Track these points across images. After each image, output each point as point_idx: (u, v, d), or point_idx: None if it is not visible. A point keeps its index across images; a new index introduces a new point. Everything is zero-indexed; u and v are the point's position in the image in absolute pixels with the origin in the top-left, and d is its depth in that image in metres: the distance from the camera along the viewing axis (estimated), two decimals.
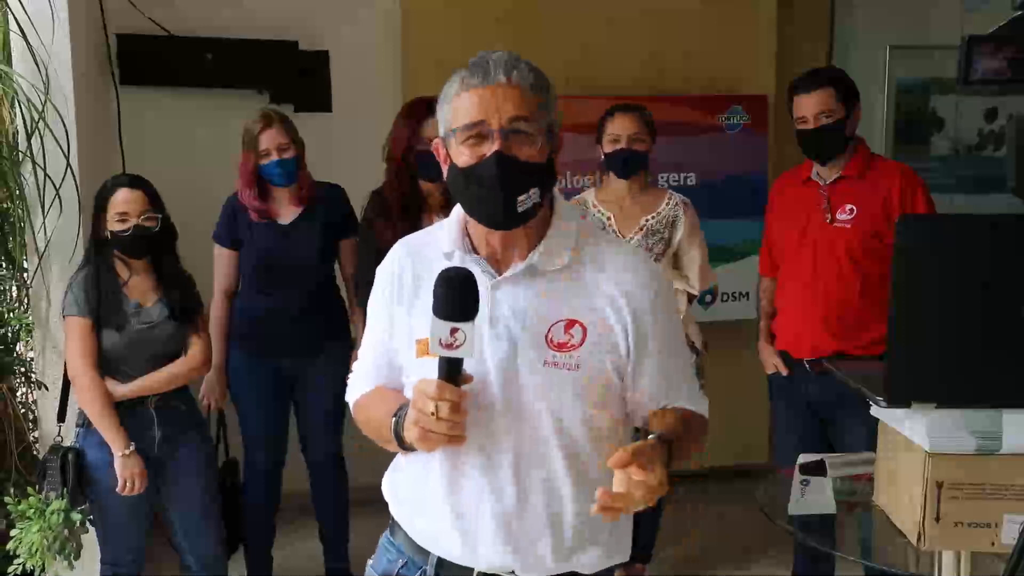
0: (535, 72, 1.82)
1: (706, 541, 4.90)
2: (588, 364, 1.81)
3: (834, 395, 3.34)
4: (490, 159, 1.75)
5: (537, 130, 1.79)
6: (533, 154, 1.78)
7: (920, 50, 5.88)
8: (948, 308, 2.15)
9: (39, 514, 3.28)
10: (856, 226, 3.53)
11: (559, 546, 1.88)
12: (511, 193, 1.76)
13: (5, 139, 3.75)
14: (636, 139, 3.86)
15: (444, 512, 1.86)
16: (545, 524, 1.86)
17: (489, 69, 1.77)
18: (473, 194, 1.80)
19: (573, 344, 1.81)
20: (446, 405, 1.64)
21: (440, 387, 1.65)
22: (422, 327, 1.77)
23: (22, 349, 4.05)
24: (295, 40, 5.04)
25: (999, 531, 2.17)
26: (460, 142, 1.79)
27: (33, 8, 3.70)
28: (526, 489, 1.84)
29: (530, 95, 1.78)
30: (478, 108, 1.76)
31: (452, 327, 1.62)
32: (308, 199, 3.99)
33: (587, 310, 1.83)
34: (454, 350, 1.63)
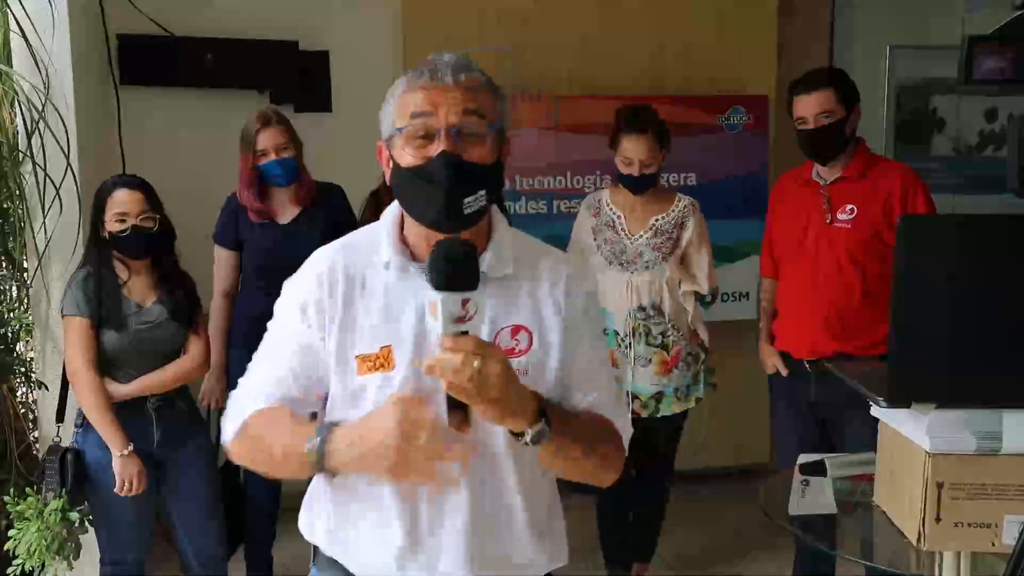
0: (484, 75, 1.78)
1: (707, 541, 4.90)
2: (535, 370, 1.80)
3: (835, 395, 3.33)
4: (437, 158, 1.69)
5: (486, 129, 1.74)
6: (482, 155, 1.73)
7: (921, 50, 5.88)
8: (949, 308, 2.15)
9: (38, 514, 3.28)
10: (856, 226, 3.53)
11: (518, 554, 1.87)
12: (458, 194, 1.70)
13: (5, 139, 3.77)
14: (648, 164, 3.86)
15: (396, 537, 1.81)
16: (502, 534, 1.85)
17: (438, 69, 1.72)
18: (418, 195, 1.74)
19: (520, 350, 1.79)
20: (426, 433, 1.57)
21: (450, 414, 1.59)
22: (363, 341, 1.75)
23: (22, 349, 4.07)
24: (295, 40, 5.05)
25: (1000, 531, 2.16)
26: (405, 141, 1.73)
27: (33, 8, 3.73)
28: (482, 501, 1.81)
29: (480, 94, 1.74)
30: (425, 106, 1.71)
31: (463, 298, 1.53)
32: (307, 199, 3.98)
33: (531, 316, 1.82)
34: (467, 323, 1.54)
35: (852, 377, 2.58)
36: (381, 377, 1.75)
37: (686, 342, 3.98)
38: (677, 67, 5.38)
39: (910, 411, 2.23)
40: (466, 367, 1.51)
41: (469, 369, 1.51)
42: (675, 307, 3.95)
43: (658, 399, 3.95)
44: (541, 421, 1.64)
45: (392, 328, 1.76)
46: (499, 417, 1.60)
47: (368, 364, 1.75)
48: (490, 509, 1.83)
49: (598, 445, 1.84)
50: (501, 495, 1.84)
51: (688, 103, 5.28)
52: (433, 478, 1.61)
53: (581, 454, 1.78)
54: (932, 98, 6.09)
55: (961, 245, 2.17)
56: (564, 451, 1.73)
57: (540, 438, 1.65)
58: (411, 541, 1.80)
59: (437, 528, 1.80)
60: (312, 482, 1.96)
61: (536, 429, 1.64)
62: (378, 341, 1.76)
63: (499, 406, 1.57)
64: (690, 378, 4.00)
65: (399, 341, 1.75)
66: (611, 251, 3.96)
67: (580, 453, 1.78)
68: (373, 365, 1.75)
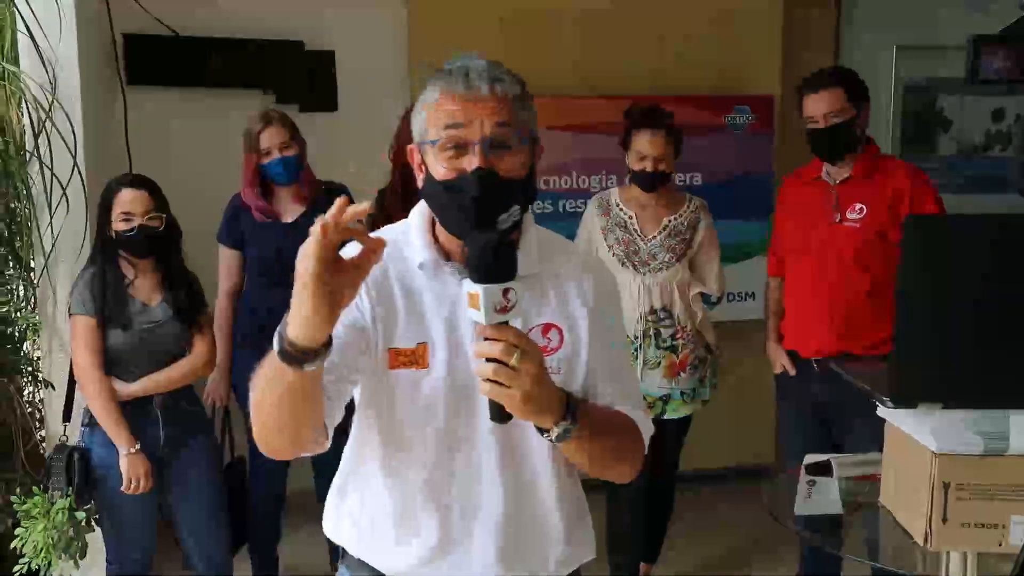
0: (518, 81, 1.75)
1: (712, 541, 4.90)
2: (566, 367, 1.81)
3: (841, 395, 3.32)
4: (471, 176, 1.67)
5: (519, 142, 1.72)
6: (515, 168, 1.71)
7: (927, 50, 5.88)
8: (955, 309, 2.16)
9: (44, 513, 3.28)
10: (865, 226, 3.53)
11: (551, 550, 1.89)
12: (493, 211, 1.69)
13: (12, 139, 3.78)
14: (662, 160, 3.87)
15: (429, 536, 1.82)
16: (535, 530, 1.87)
17: (471, 78, 1.69)
18: (452, 209, 1.73)
19: (553, 347, 1.80)
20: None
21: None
22: (398, 336, 1.75)
23: (29, 348, 4.07)
24: (301, 40, 5.06)
25: (1006, 532, 2.17)
26: (439, 152, 1.71)
27: (40, 9, 3.73)
28: (514, 493, 1.83)
29: (513, 106, 1.71)
30: (459, 117, 1.68)
31: (505, 288, 1.52)
32: (311, 198, 3.99)
33: (560, 313, 1.82)
34: (508, 312, 1.52)
35: (858, 377, 2.60)
36: (415, 373, 1.75)
37: (694, 345, 3.97)
38: (682, 67, 5.37)
39: (916, 411, 2.24)
40: (506, 357, 1.50)
41: (509, 359, 1.50)
42: (685, 310, 3.95)
43: (665, 401, 3.95)
44: (568, 419, 1.63)
45: (427, 326, 1.77)
46: (529, 412, 1.58)
47: (402, 359, 1.75)
48: (523, 505, 1.84)
49: (620, 441, 1.84)
50: (534, 491, 1.85)
51: (693, 103, 5.26)
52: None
53: (603, 450, 1.78)
54: (938, 98, 6.10)
55: (967, 245, 2.17)
56: (587, 448, 1.73)
57: (566, 435, 1.64)
58: (443, 539, 1.82)
59: (470, 525, 1.82)
60: (336, 483, 1.97)
61: (562, 427, 1.63)
62: (414, 337, 1.76)
63: (532, 401, 1.56)
64: (697, 381, 4.01)
65: (434, 339, 1.76)
66: (624, 252, 3.95)
67: (602, 449, 1.78)
68: (407, 361, 1.75)
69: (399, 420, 1.79)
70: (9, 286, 3.98)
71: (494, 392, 1.54)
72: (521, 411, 1.57)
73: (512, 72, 1.75)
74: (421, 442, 1.79)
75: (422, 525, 1.82)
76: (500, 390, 1.53)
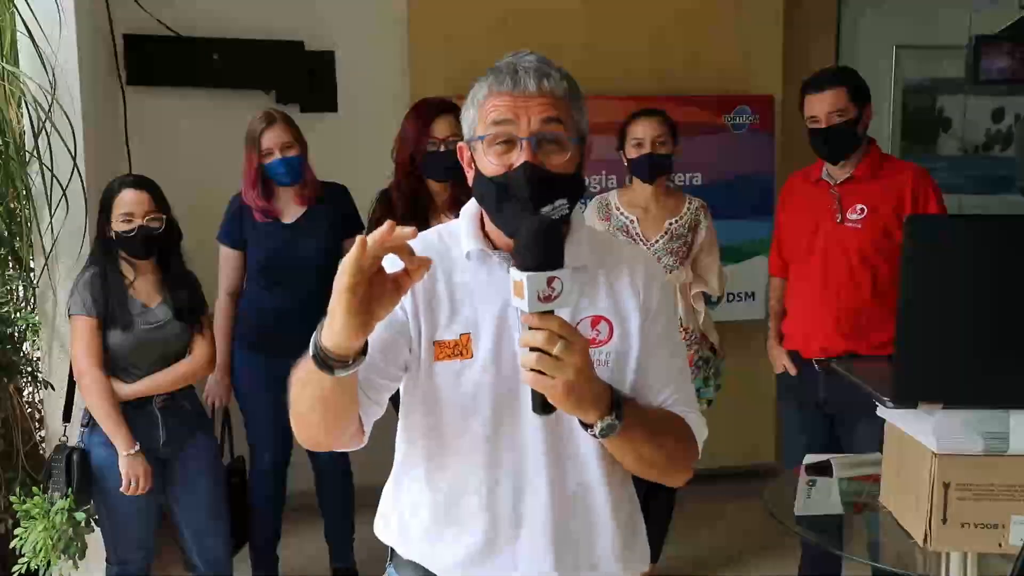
0: (567, 78, 1.76)
1: (714, 541, 4.91)
2: (615, 360, 1.80)
3: (843, 395, 3.31)
4: (518, 170, 1.69)
5: (567, 138, 1.73)
6: (563, 163, 1.72)
7: (927, 50, 5.89)
8: (956, 309, 2.15)
9: (44, 513, 3.29)
10: (867, 226, 3.53)
11: (604, 562, 1.87)
12: (538, 205, 1.70)
13: (12, 140, 3.78)
14: (660, 142, 3.89)
15: (476, 532, 1.82)
16: (587, 535, 1.86)
17: (519, 75, 1.71)
18: (499, 203, 1.74)
19: (601, 340, 1.79)
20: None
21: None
22: (442, 328, 1.76)
23: (28, 349, 4.07)
24: (301, 41, 5.07)
25: (1006, 532, 2.16)
26: (487, 148, 1.73)
27: (40, 9, 3.73)
28: (562, 496, 1.81)
29: (562, 103, 1.72)
30: (507, 114, 1.70)
31: (549, 276, 1.50)
32: (312, 198, 4.00)
33: (611, 308, 1.81)
34: (553, 302, 1.51)
35: (859, 377, 2.58)
36: (459, 364, 1.76)
37: (698, 346, 3.99)
38: (683, 67, 5.38)
39: (917, 411, 2.22)
40: (549, 346, 1.50)
41: (552, 348, 1.50)
42: (687, 311, 3.96)
43: None
44: (612, 414, 1.62)
45: (471, 316, 1.77)
46: (571, 404, 1.57)
47: (446, 351, 1.76)
48: (575, 510, 1.83)
49: (670, 443, 1.82)
50: (585, 495, 1.84)
51: (694, 103, 5.29)
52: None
53: (653, 451, 1.76)
54: (938, 98, 6.10)
55: (968, 245, 2.16)
56: (634, 446, 1.72)
57: (609, 431, 1.63)
58: (490, 540, 1.81)
59: (519, 525, 1.81)
60: (390, 482, 1.97)
61: (606, 422, 1.62)
62: (457, 328, 1.76)
63: (574, 393, 1.54)
64: (701, 381, 4.01)
65: (478, 329, 1.76)
66: None
67: (652, 450, 1.76)
68: (452, 352, 1.76)
69: (444, 413, 1.79)
70: (9, 286, 3.98)
71: (537, 382, 1.53)
72: (563, 402, 1.56)
73: (562, 69, 1.76)
74: (466, 435, 1.78)
75: (469, 524, 1.82)
76: (543, 380, 1.52)
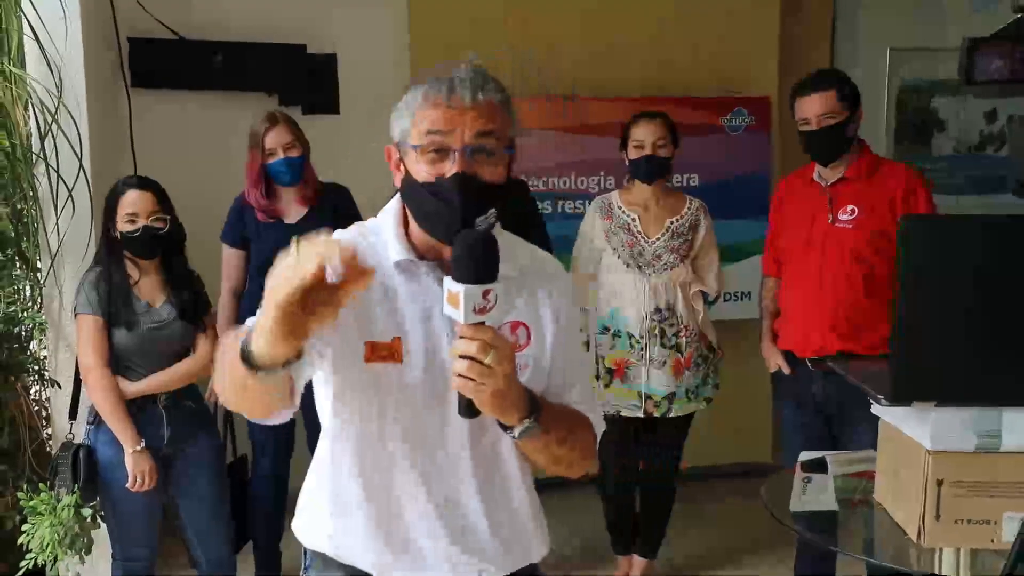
0: (500, 90, 1.78)
1: (711, 539, 4.93)
2: (533, 364, 1.86)
3: (839, 394, 3.35)
4: (451, 179, 1.72)
5: (499, 149, 1.76)
6: (494, 173, 1.76)
7: (922, 52, 5.92)
8: (950, 308, 2.17)
9: (51, 510, 3.31)
10: (859, 226, 3.54)
11: (526, 543, 1.98)
12: (471, 213, 1.73)
13: (19, 141, 3.79)
14: (660, 145, 3.94)
15: (408, 527, 1.87)
16: (511, 522, 1.95)
17: (455, 86, 1.73)
18: (430, 210, 1.77)
19: (520, 344, 1.85)
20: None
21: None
22: (373, 330, 1.79)
23: (35, 348, 4.09)
24: (303, 43, 5.10)
25: (999, 528, 2.19)
26: (419, 156, 1.75)
27: (47, 13, 3.75)
28: (489, 490, 1.90)
29: (495, 114, 1.75)
30: (440, 124, 1.72)
31: (485, 290, 1.57)
32: (314, 199, 4.02)
33: (528, 314, 1.88)
34: (487, 313, 1.58)
35: (854, 375, 2.61)
36: (390, 367, 1.79)
37: (698, 344, 4.03)
38: (681, 69, 5.41)
39: (911, 409, 2.25)
40: (482, 355, 1.56)
41: (485, 357, 1.56)
42: (687, 309, 4.00)
43: (670, 400, 3.99)
44: (531, 418, 1.70)
45: (400, 322, 1.80)
46: (496, 408, 1.65)
47: (378, 353, 1.79)
48: (499, 501, 1.91)
49: (577, 440, 1.89)
50: (508, 488, 1.92)
51: (692, 104, 5.31)
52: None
53: (560, 446, 1.83)
54: (933, 99, 6.12)
55: (963, 245, 2.19)
56: (547, 446, 1.80)
57: (528, 432, 1.71)
58: (422, 534, 1.87)
59: (449, 520, 1.87)
60: (309, 483, 1.99)
61: (525, 425, 1.70)
62: (388, 332, 1.80)
63: (500, 398, 1.62)
64: (700, 379, 4.05)
65: (407, 335, 1.79)
66: (629, 254, 3.99)
67: (559, 445, 1.83)
68: (383, 354, 1.79)
69: (374, 414, 1.82)
70: (16, 286, 4.00)
71: (466, 388, 1.61)
72: (490, 406, 1.64)
73: (496, 80, 1.79)
74: (395, 436, 1.83)
75: (400, 520, 1.86)
76: (472, 386, 1.59)
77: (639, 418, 4.00)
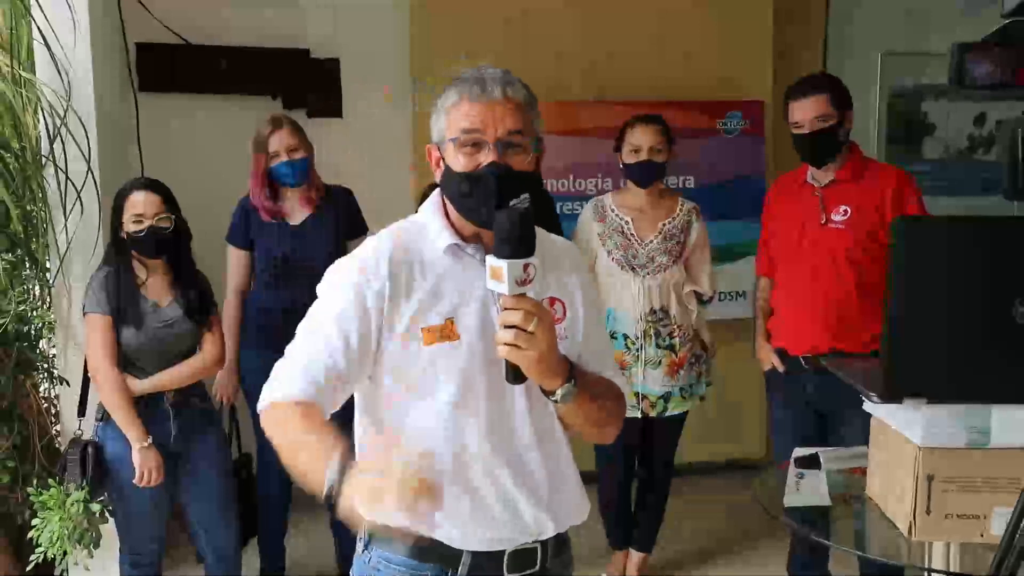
0: (526, 89, 1.94)
1: (705, 533, 4.96)
2: (569, 336, 2.00)
3: (831, 391, 3.32)
4: (488, 167, 1.87)
5: (528, 142, 1.91)
6: (524, 163, 1.91)
7: (912, 57, 5.95)
8: (940, 307, 2.20)
9: (60, 505, 3.35)
10: (850, 227, 3.58)
11: (576, 502, 2.09)
12: (506, 197, 1.87)
13: (29, 144, 3.83)
14: (656, 150, 3.97)
15: (484, 498, 1.95)
16: (565, 484, 2.05)
17: (487, 84, 1.89)
18: (469, 197, 1.91)
19: (558, 318, 1.98)
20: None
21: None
22: (427, 315, 1.89)
23: (44, 346, 4.12)
24: (307, 48, 5.13)
25: (988, 523, 2.21)
26: (458, 150, 1.90)
27: (56, 19, 3.79)
28: (548, 455, 2.01)
29: (523, 110, 1.90)
30: (476, 120, 1.88)
31: (525, 263, 1.72)
32: (318, 201, 4.05)
33: (561, 290, 2.03)
34: (528, 285, 1.73)
35: (846, 373, 2.64)
36: (448, 346, 1.90)
37: (691, 343, 4.06)
38: (677, 73, 5.44)
39: (902, 406, 2.28)
40: (526, 323, 1.72)
41: (528, 324, 1.72)
42: (681, 309, 4.04)
43: (666, 399, 4.03)
44: (571, 381, 1.86)
45: (452, 303, 1.92)
46: (541, 373, 1.81)
47: (434, 335, 1.90)
48: (556, 466, 2.03)
49: (609, 403, 2.04)
50: (560, 453, 2.04)
51: (688, 108, 5.35)
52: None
53: (597, 411, 1.99)
54: (923, 103, 6.17)
55: (953, 245, 2.23)
56: (584, 408, 1.93)
57: (568, 397, 1.86)
58: (498, 501, 1.96)
59: (520, 486, 1.96)
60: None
61: (566, 389, 1.85)
62: (441, 314, 1.91)
63: (543, 363, 1.78)
64: (694, 378, 4.09)
65: (460, 315, 1.92)
66: (623, 256, 4.02)
67: (597, 410, 1.99)
68: (439, 335, 1.90)
69: (438, 392, 1.92)
70: (26, 286, 4.02)
71: (512, 354, 1.76)
72: (535, 372, 1.80)
73: (521, 80, 1.95)
74: (460, 406, 1.92)
75: (476, 494, 1.95)
76: (518, 353, 1.75)
77: (635, 417, 4.01)
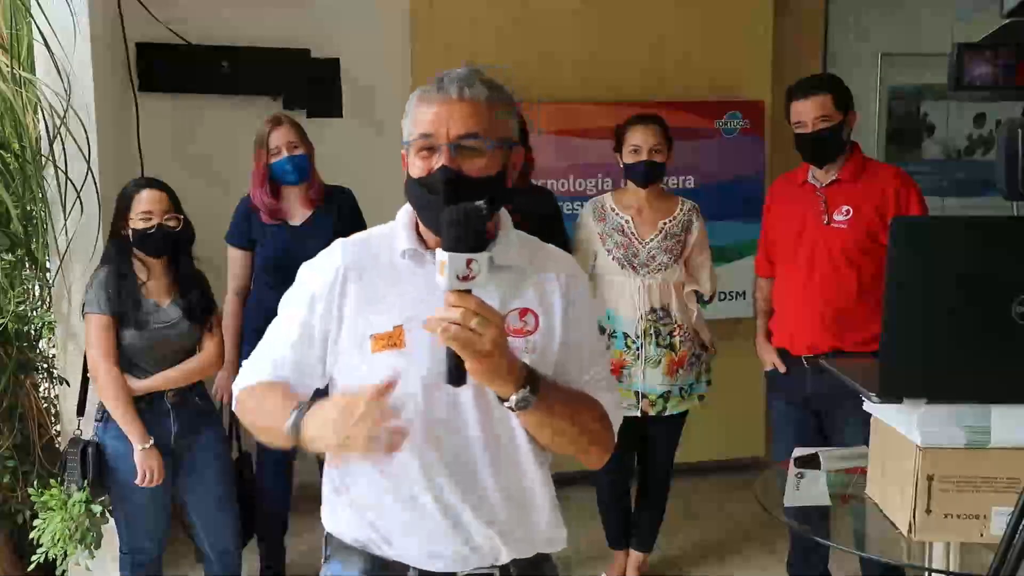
0: (493, 87, 1.86)
1: (705, 533, 4.97)
2: (541, 348, 1.91)
3: (830, 391, 3.29)
4: (437, 173, 1.80)
5: (486, 144, 1.83)
6: (482, 167, 1.82)
7: (912, 58, 5.97)
8: (939, 307, 2.20)
9: (61, 505, 3.36)
10: (852, 227, 3.58)
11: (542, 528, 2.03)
12: (459, 203, 1.76)
13: (29, 144, 3.83)
14: (655, 150, 3.98)
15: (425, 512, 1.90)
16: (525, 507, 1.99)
17: (444, 84, 1.82)
18: (424, 203, 1.86)
19: (528, 329, 1.91)
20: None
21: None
22: (379, 323, 1.86)
23: (44, 346, 4.13)
24: (307, 48, 5.12)
25: (987, 523, 2.22)
26: (414, 153, 1.84)
27: (56, 19, 3.79)
28: (503, 472, 1.94)
29: (483, 110, 1.82)
30: (429, 122, 1.81)
31: (468, 258, 1.63)
32: (318, 201, 4.06)
33: (537, 301, 1.93)
34: (471, 281, 1.64)
35: (846, 373, 2.64)
36: (396, 353, 1.86)
37: (690, 343, 4.06)
38: (676, 74, 5.46)
39: (901, 406, 2.28)
40: (464, 320, 1.62)
41: (466, 323, 1.62)
42: (681, 308, 4.05)
43: (666, 398, 4.04)
44: (526, 388, 1.73)
45: (403, 310, 1.87)
46: (484, 374, 1.69)
47: (381, 342, 1.86)
48: (513, 483, 1.95)
49: (586, 422, 1.92)
50: (521, 474, 1.96)
51: (687, 108, 5.36)
52: (370, 449, 1.73)
53: (569, 428, 1.87)
54: (923, 104, 6.18)
55: (952, 245, 2.23)
56: (551, 421, 1.83)
57: (524, 404, 1.74)
58: (441, 519, 1.90)
59: (466, 504, 1.90)
60: (332, 476, 2.04)
61: (520, 395, 1.73)
62: (391, 321, 1.87)
63: (488, 365, 1.67)
64: (694, 377, 4.10)
65: (410, 321, 1.85)
66: (623, 255, 4.03)
67: (569, 427, 1.87)
68: (386, 343, 1.86)
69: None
70: (25, 286, 4.03)
71: (455, 347, 1.66)
72: (479, 374, 1.69)
73: (490, 80, 1.88)
74: (408, 414, 1.85)
75: (418, 506, 1.90)
76: (459, 349, 1.65)
77: (635, 416, 4.01)
